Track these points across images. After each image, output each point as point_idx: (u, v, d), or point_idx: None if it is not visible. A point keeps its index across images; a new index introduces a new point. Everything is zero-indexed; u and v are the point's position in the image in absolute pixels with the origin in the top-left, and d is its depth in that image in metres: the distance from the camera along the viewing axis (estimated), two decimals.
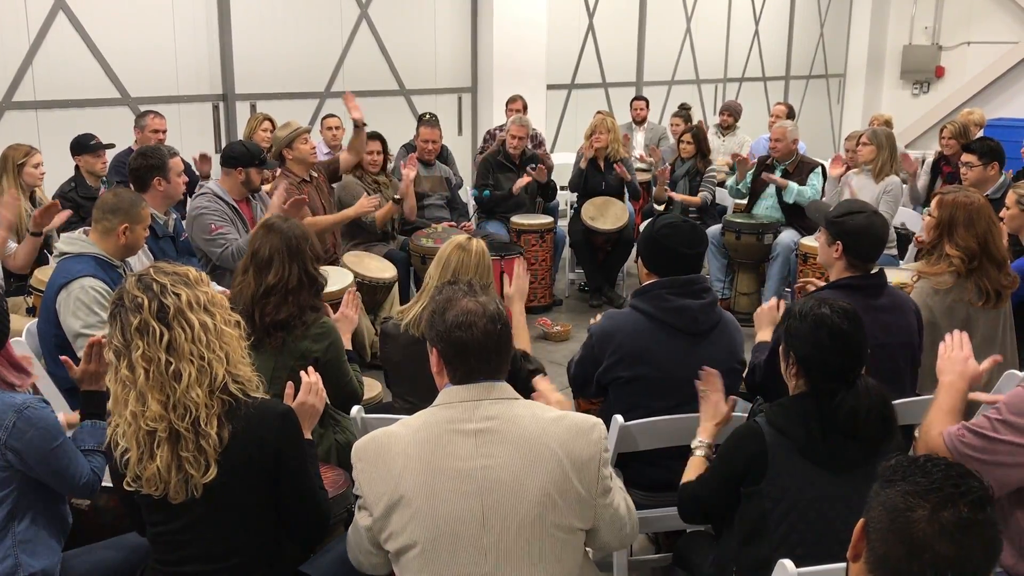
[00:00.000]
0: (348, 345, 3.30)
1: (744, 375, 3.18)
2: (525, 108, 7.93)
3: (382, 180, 6.12)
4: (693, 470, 2.64)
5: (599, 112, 7.54)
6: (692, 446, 2.73)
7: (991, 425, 2.29)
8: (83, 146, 5.44)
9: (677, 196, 7.09)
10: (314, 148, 5.54)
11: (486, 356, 2.01)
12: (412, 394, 3.11)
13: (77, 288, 3.40)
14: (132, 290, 2.12)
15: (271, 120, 6.68)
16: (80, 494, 2.48)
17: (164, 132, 5.93)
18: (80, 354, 3.42)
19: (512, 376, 2.16)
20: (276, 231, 3.20)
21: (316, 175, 5.70)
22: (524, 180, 6.86)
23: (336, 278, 4.66)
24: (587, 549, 2.14)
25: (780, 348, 2.48)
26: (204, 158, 6.14)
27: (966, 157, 5.36)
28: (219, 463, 2.09)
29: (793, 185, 6.37)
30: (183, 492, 2.10)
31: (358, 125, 5.65)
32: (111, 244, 3.54)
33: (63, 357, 2.74)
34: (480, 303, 2.03)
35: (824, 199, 6.27)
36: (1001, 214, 3.83)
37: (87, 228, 3.65)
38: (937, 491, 1.43)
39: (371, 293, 5.21)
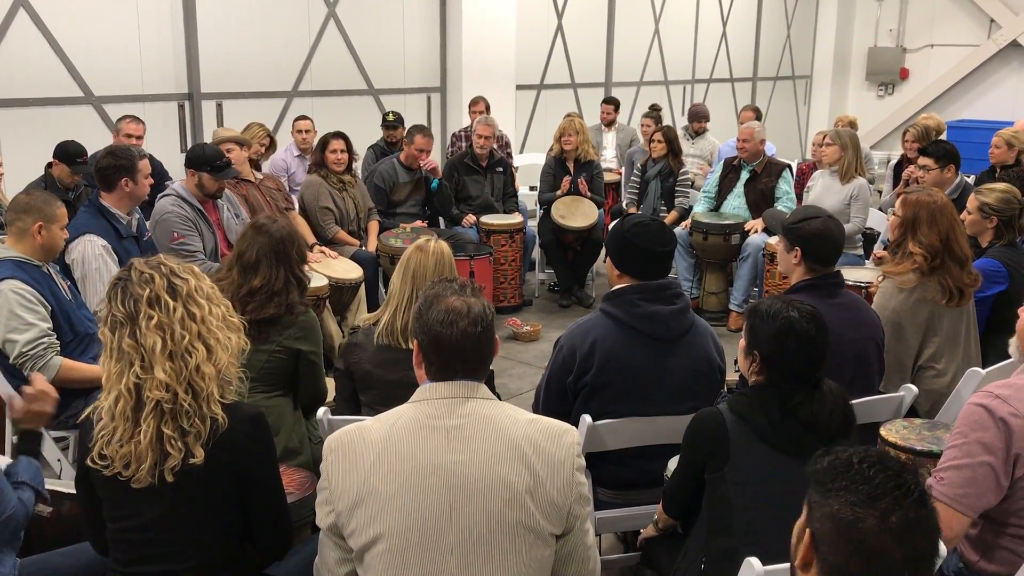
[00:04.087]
0: None
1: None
2: (488, 109, 7.91)
3: (347, 179, 6.08)
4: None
5: (568, 114, 7.55)
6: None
7: (966, 451, 2.26)
8: (68, 157, 5.28)
9: (668, 219, 6.89)
10: (245, 160, 5.53)
11: (462, 355, 2.01)
12: (382, 403, 3.07)
13: None
14: (141, 267, 2.18)
15: (262, 126, 6.64)
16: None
17: (139, 138, 5.78)
18: (10, 360, 3.38)
19: None
20: (264, 233, 3.21)
21: (262, 176, 5.72)
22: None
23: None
24: None
25: (741, 344, 2.50)
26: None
27: (923, 160, 5.45)
28: (204, 448, 2.09)
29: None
30: (152, 476, 2.08)
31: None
32: (27, 245, 3.48)
33: (9, 394, 2.68)
34: (466, 303, 2.04)
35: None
36: (962, 216, 3.89)
37: (1, 236, 3.60)
38: (882, 496, 1.46)
39: (337, 294, 5.18)
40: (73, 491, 2.61)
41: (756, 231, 6.33)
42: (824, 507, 1.50)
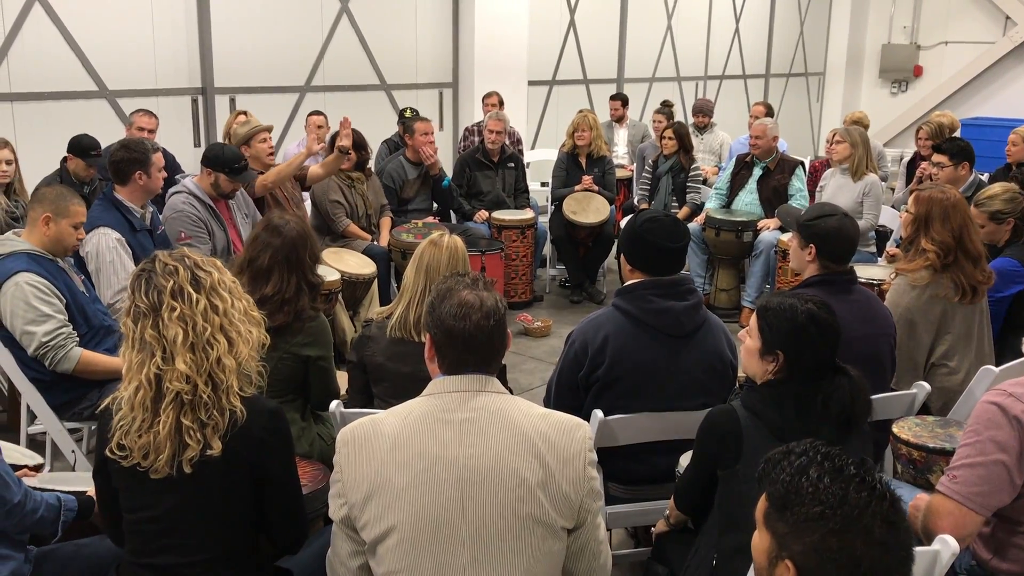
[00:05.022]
0: None
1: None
2: (501, 104, 7.91)
3: (355, 176, 6.06)
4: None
5: (581, 110, 7.55)
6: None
7: (979, 449, 2.24)
8: (82, 150, 5.31)
9: (679, 215, 6.86)
10: (271, 148, 5.51)
11: (475, 348, 2.02)
12: (395, 395, 3.08)
13: (12, 287, 3.40)
14: (165, 259, 2.19)
15: (246, 115, 6.67)
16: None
17: (151, 132, 5.81)
18: (30, 352, 3.41)
19: None
20: (277, 234, 3.17)
21: None
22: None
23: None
24: None
25: (754, 347, 2.48)
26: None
27: (937, 158, 5.43)
28: (222, 440, 2.09)
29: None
30: (170, 467, 2.08)
31: (342, 151, 5.45)
32: (36, 236, 3.52)
33: None
34: (479, 296, 2.05)
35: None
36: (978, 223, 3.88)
37: (18, 230, 3.66)
38: (861, 514, 1.48)
39: (350, 289, 5.20)
40: (78, 488, 2.63)
41: (769, 228, 6.32)
42: (801, 541, 1.51)
